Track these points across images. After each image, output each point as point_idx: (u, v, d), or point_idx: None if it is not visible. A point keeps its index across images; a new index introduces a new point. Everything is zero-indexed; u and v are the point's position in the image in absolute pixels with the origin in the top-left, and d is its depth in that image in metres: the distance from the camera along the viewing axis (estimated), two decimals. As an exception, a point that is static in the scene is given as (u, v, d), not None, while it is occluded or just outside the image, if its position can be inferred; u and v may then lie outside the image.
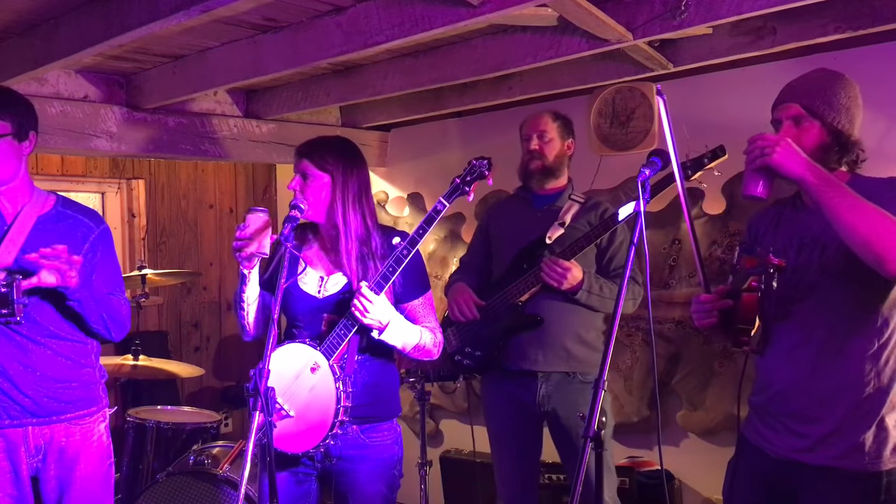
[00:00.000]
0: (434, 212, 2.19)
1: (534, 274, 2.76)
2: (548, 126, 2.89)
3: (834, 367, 1.78)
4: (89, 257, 2.26)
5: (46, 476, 2.22)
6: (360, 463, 2.24)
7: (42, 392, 2.18)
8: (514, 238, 2.90)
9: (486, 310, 2.87)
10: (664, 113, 1.79)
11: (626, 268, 1.81)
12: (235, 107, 3.89)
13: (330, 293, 2.24)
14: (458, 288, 2.94)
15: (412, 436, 4.42)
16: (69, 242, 2.18)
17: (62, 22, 2.58)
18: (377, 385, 2.27)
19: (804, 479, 1.82)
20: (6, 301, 1.96)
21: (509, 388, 2.86)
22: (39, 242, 2.14)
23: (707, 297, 1.90)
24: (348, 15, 2.58)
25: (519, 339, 2.82)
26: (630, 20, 2.58)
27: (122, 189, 4.60)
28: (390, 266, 2.14)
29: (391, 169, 4.60)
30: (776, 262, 1.72)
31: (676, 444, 3.46)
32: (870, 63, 2.89)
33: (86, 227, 2.30)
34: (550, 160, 2.88)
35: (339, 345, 2.15)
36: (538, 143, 2.88)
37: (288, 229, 2.11)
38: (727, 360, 3.33)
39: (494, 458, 2.99)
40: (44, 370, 2.19)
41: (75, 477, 2.24)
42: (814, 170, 1.70)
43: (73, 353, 2.25)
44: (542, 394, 2.80)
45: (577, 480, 1.68)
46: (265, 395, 1.89)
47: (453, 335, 2.99)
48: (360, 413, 2.20)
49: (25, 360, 2.16)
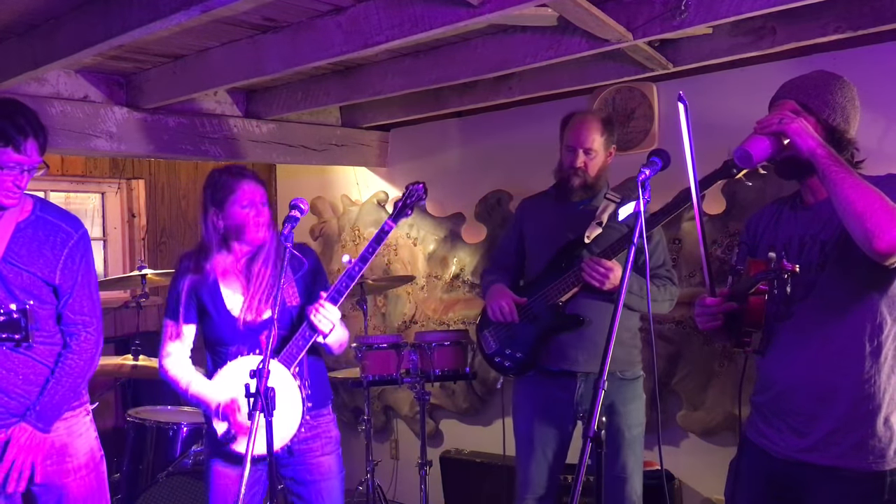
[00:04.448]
0: (382, 232, 2.43)
1: (574, 274, 2.70)
2: (595, 142, 2.75)
3: (835, 365, 1.79)
4: (68, 264, 2.24)
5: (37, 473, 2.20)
6: (314, 442, 2.47)
7: (26, 393, 2.19)
8: (551, 237, 2.84)
9: (524, 310, 2.82)
10: (685, 120, 1.77)
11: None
12: (235, 107, 3.89)
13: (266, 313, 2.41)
14: (496, 289, 2.88)
15: (412, 436, 4.42)
16: (47, 249, 2.19)
17: (62, 22, 2.58)
18: (318, 376, 2.53)
19: (808, 478, 1.82)
20: (18, 327, 2.01)
21: (547, 388, 2.82)
22: (18, 250, 2.15)
23: (713, 300, 1.89)
24: (348, 15, 2.58)
25: (559, 340, 2.77)
26: (630, 20, 2.58)
27: (122, 189, 4.60)
28: (343, 281, 2.38)
29: (391, 169, 4.60)
30: (790, 268, 1.72)
31: (676, 444, 3.46)
32: (870, 63, 2.89)
33: (65, 232, 2.26)
34: (592, 176, 2.78)
35: (300, 354, 2.38)
36: (583, 161, 2.76)
37: (288, 229, 2.22)
38: (727, 360, 3.33)
39: (521, 459, 2.90)
40: (26, 374, 2.19)
41: (67, 470, 2.25)
42: (825, 146, 1.74)
43: (49, 355, 2.24)
44: (581, 393, 2.76)
45: (577, 480, 1.68)
46: (265, 395, 1.90)
47: (491, 336, 2.93)
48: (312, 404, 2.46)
49: (8, 365, 2.17)
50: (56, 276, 2.20)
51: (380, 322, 4.56)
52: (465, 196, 4.18)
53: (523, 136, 3.94)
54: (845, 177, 1.69)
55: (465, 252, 4.22)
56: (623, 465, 2.71)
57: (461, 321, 4.21)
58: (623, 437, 2.71)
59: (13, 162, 2.08)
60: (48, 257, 2.20)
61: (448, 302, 4.30)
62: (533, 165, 3.91)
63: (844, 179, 1.69)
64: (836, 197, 1.69)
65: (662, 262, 2.81)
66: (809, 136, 1.75)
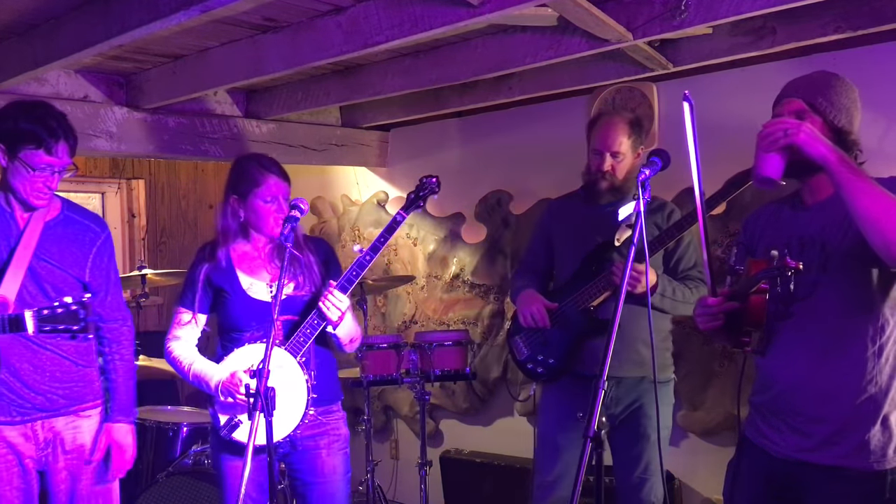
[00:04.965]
0: (394, 222, 2.44)
1: (605, 278, 2.67)
2: (622, 145, 2.70)
3: (837, 365, 1.79)
4: (97, 262, 2.36)
5: (55, 468, 2.30)
6: (321, 439, 2.45)
7: (51, 389, 2.27)
8: (579, 240, 2.80)
9: (555, 315, 2.79)
10: (689, 120, 1.76)
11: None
12: (235, 107, 3.89)
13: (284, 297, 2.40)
14: (527, 294, 2.85)
15: (412, 436, 4.42)
16: (76, 248, 2.31)
17: (62, 22, 2.58)
18: (328, 372, 2.50)
19: (809, 478, 1.82)
20: (77, 318, 2.06)
21: (578, 392, 2.74)
22: (49, 248, 2.26)
23: (714, 300, 1.89)
24: (348, 15, 2.58)
25: (592, 345, 2.73)
26: (630, 20, 2.58)
27: (122, 189, 4.60)
28: (354, 270, 2.36)
29: (391, 169, 4.60)
30: (794, 265, 1.71)
31: (676, 444, 3.46)
32: (870, 63, 2.89)
33: (92, 232, 2.38)
34: (620, 179, 2.73)
35: (307, 342, 2.35)
36: (611, 164, 2.71)
37: (288, 229, 2.24)
38: (727, 360, 3.33)
39: (543, 462, 2.86)
40: (52, 370, 2.28)
41: (85, 467, 2.34)
42: (836, 151, 1.71)
43: (75, 352, 2.33)
44: (611, 397, 2.74)
45: (577, 480, 1.68)
46: (265, 395, 1.91)
47: (523, 342, 2.90)
48: (319, 397, 2.41)
49: (35, 361, 2.26)
50: (86, 274, 2.33)
51: (380, 322, 4.56)
52: (465, 196, 4.17)
53: (523, 136, 3.94)
54: (859, 183, 1.67)
55: (465, 252, 4.22)
56: (646, 466, 2.70)
57: (461, 321, 4.21)
58: (649, 440, 2.70)
59: (44, 164, 2.17)
60: (77, 255, 2.32)
61: (448, 302, 4.30)
62: (533, 165, 3.93)
63: (859, 186, 1.67)
64: (851, 204, 1.67)
65: (693, 263, 2.78)
66: (820, 142, 1.72)
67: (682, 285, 2.73)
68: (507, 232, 4.05)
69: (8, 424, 2.23)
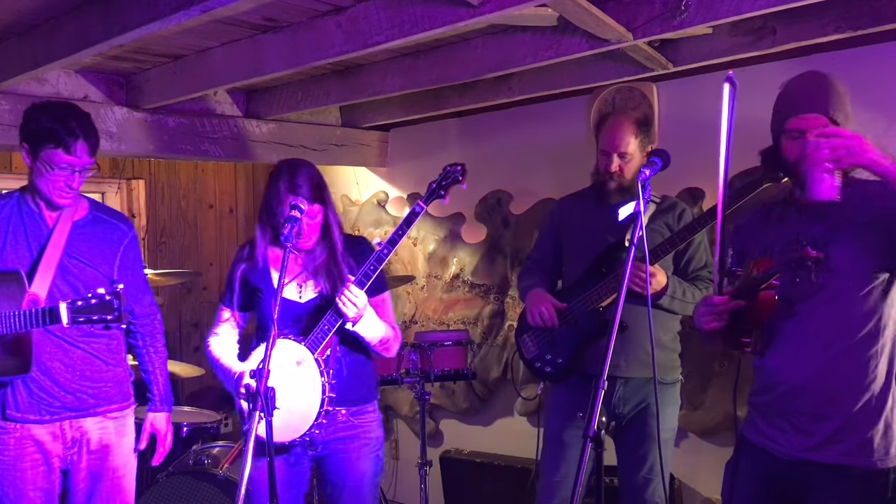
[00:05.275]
0: (412, 214, 2.36)
1: (615, 279, 2.65)
2: (629, 145, 2.70)
3: (840, 365, 1.79)
4: (125, 261, 2.41)
5: (77, 468, 2.33)
6: (351, 443, 2.42)
7: (81, 388, 2.30)
8: (589, 240, 2.79)
9: (564, 315, 2.78)
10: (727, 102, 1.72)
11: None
12: (235, 107, 3.89)
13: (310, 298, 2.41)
14: (536, 294, 2.84)
15: (412, 436, 4.42)
16: (105, 246, 2.35)
17: (62, 22, 2.58)
18: (360, 372, 2.46)
19: (812, 477, 1.82)
20: (111, 308, 2.09)
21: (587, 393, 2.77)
22: (79, 246, 2.29)
23: (720, 298, 1.88)
24: (348, 15, 2.58)
25: (601, 345, 2.68)
26: (630, 20, 2.58)
27: (122, 189, 4.59)
28: (371, 265, 2.32)
29: (391, 169, 4.60)
30: (815, 255, 1.69)
31: (676, 444, 3.45)
32: (870, 63, 2.89)
33: (120, 230, 2.43)
34: (629, 180, 2.71)
35: (324, 339, 2.32)
36: (619, 165, 2.70)
37: (288, 229, 2.23)
38: (727, 360, 3.33)
39: (549, 462, 2.85)
40: (82, 369, 2.31)
41: (106, 468, 2.36)
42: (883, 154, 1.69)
43: (106, 351, 2.37)
44: (618, 397, 2.74)
45: (577, 480, 1.69)
46: (265, 395, 1.92)
47: (531, 341, 2.90)
48: (349, 397, 2.38)
49: (66, 360, 2.29)
50: (114, 272, 2.37)
51: (380, 322, 4.56)
52: (465, 196, 4.15)
53: (523, 136, 3.94)
54: None
55: (465, 252, 4.22)
56: (651, 466, 2.70)
57: (461, 321, 4.21)
58: (654, 441, 2.69)
59: (64, 163, 2.19)
60: (106, 253, 2.36)
61: (448, 302, 4.30)
62: (533, 165, 3.93)
63: None
64: None
65: (704, 263, 2.78)
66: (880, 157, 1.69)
67: (693, 286, 2.73)
68: (507, 232, 4.05)
69: (37, 423, 2.25)
